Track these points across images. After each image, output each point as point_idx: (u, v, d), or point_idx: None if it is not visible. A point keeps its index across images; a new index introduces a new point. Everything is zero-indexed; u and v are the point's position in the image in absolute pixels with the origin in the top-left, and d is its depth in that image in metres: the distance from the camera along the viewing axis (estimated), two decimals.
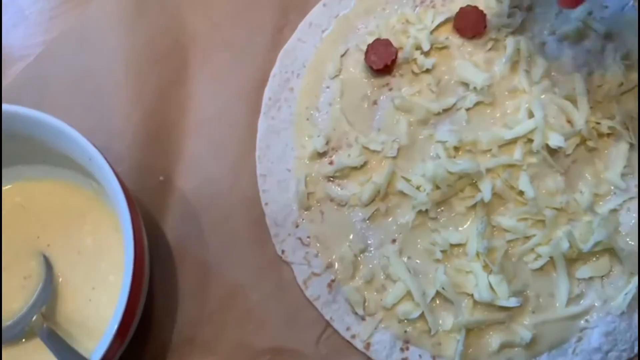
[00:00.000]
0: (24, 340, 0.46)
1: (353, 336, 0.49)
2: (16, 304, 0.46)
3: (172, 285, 0.50)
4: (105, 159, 0.42)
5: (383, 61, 0.54)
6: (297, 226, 0.52)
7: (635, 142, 0.52)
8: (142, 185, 0.52)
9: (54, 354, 0.42)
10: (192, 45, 0.56)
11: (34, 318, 0.44)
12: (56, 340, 0.42)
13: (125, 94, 0.54)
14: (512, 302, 0.48)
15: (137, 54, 0.55)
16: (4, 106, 0.43)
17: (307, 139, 0.54)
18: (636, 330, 0.49)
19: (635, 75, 0.54)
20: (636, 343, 0.49)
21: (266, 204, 0.52)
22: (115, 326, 0.40)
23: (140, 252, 0.42)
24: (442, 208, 0.52)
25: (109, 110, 0.54)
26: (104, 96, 0.54)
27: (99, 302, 0.47)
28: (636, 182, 0.52)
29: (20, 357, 0.45)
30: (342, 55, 0.56)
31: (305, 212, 0.52)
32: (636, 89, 0.54)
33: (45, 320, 0.44)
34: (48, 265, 0.47)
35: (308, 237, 0.51)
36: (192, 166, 0.53)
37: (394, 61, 0.54)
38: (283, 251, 0.51)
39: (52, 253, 0.48)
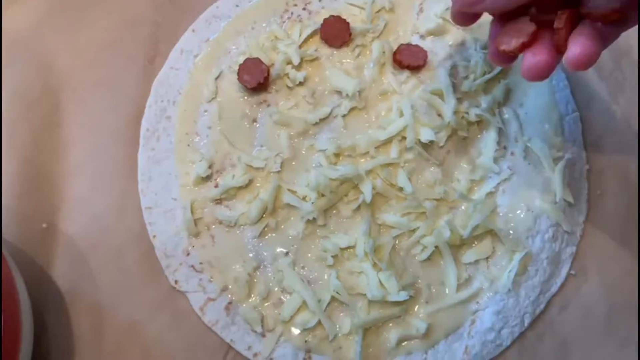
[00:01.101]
0: None
1: (255, 355, 0.50)
2: None
3: (67, 332, 0.50)
4: None
5: (256, 79, 0.55)
6: (188, 254, 0.52)
7: (503, 126, 0.55)
8: (24, 235, 0.52)
9: None
10: (63, 88, 0.56)
11: None
12: None
13: None
14: (402, 295, 0.49)
15: (5, 103, 0.55)
16: None
17: (191, 164, 0.54)
18: (524, 304, 0.52)
19: None
20: (526, 317, 0.52)
21: (154, 236, 0.53)
22: None
23: (12, 298, 0.42)
24: (331, 214, 0.53)
25: None
26: None
27: None
28: (509, 164, 0.55)
29: None
30: (217, 78, 0.57)
31: (195, 239, 0.53)
32: (499, 75, 0.57)
33: None
34: None
35: (200, 263, 0.52)
36: (76, 209, 0.53)
37: (266, 78, 0.56)
38: (176, 281, 0.52)
39: None
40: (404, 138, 0.54)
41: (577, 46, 0.39)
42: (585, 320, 0.52)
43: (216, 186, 0.54)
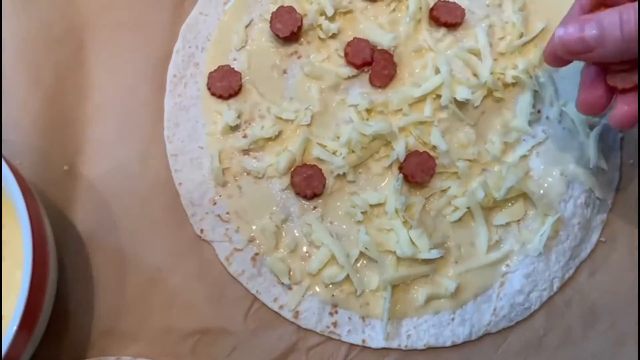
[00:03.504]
0: None
1: (281, 307, 0.50)
2: None
3: (87, 277, 0.50)
4: None
5: (289, 28, 0.55)
6: (214, 203, 0.52)
7: (539, 89, 0.55)
8: (45, 176, 0.51)
9: None
10: (88, 28, 0.56)
11: None
12: None
13: (19, 81, 0.53)
14: (434, 254, 0.50)
15: (29, 40, 0.54)
16: None
17: (217, 114, 0.54)
18: (554, 268, 0.52)
19: (532, 26, 0.57)
20: (555, 281, 0.52)
21: (180, 184, 0.53)
22: (17, 321, 0.39)
23: (41, 241, 0.42)
24: (360, 171, 0.53)
25: (3, 100, 0.52)
26: None
27: (6, 300, 0.46)
28: (543, 128, 0.55)
29: None
30: (247, 26, 0.57)
31: (222, 188, 0.53)
32: (535, 39, 0.57)
33: None
34: None
35: (227, 213, 0.52)
36: (98, 152, 0.53)
37: (299, 28, 0.55)
38: (202, 230, 0.52)
39: None
40: (439, 96, 0.54)
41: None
42: (613, 287, 0.53)
43: (244, 136, 0.54)
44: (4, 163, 0.42)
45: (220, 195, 0.52)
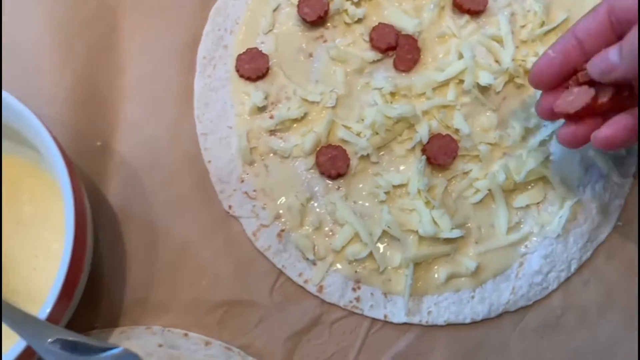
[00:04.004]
0: None
1: (306, 281, 0.52)
2: None
3: (120, 249, 0.52)
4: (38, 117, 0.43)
5: (316, 12, 0.57)
6: (242, 181, 0.54)
7: None
8: (79, 151, 0.53)
9: (6, 323, 0.42)
10: (120, 8, 0.57)
11: None
12: (6, 309, 0.43)
13: (52, 60, 0.55)
14: (455, 233, 0.51)
15: (61, 19, 0.56)
16: None
17: (245, 95, 0.56)
18: (572, 250, 0.54)
19: (554, 15, 0.58)
20: (573, 262, 0.54)
21: (209, 161, 0.54)
22: (60, 284, 0.41)
23: (81, 209, 0.43)
24: (383, 152, 0.55)
25: (37, 78, 0.54)
26: (30, 64, 0.55)
27: (44, 270, 0.48)
28: None
29: None
30: (274, 10, 0.58)
31: (250, 167, 0.54)
32: (557, 29, 0.58)
33: None
34: None
35: (254, 190, 0.54)
36: (130, 129, 0.55)
37: (326, 12, 0.57)
38: (230, 206, 0.53)
39: None
40: (461, 81, 0.56)
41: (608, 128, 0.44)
42: (629, 270, 0.54)
43: (271, 117, 0.55)
44: (45, 130, 0.44)
45: (248, 174, 0.54)
